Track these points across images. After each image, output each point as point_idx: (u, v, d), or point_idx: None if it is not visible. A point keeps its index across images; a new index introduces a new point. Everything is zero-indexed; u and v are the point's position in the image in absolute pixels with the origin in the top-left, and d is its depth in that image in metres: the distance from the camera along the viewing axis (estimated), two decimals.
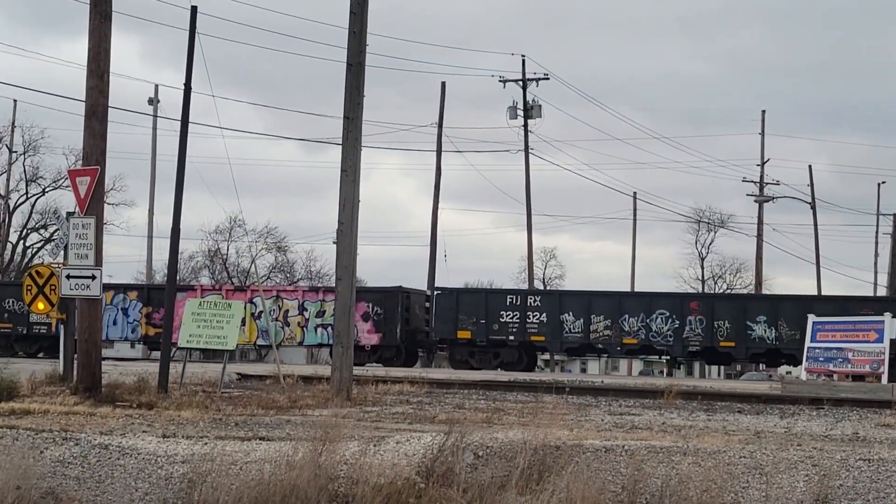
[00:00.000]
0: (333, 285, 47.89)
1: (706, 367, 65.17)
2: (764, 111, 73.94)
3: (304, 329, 46.86)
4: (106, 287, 49.31)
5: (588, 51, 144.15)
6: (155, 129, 64.48)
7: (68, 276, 20.22)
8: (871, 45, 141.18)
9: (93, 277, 20.14)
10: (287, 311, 47.02)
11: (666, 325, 42.56)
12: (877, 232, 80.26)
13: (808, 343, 30.33)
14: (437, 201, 60.72)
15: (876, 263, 79.38)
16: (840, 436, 16.62)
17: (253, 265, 74.02)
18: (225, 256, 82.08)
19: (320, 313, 46.53)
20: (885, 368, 28.61)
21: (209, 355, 43.55)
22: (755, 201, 70.87)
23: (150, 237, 64.76)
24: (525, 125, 60.72)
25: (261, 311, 45.83)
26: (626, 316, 43.06)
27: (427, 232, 60.94)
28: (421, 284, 56.51)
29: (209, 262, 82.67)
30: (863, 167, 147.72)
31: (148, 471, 13.01)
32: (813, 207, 73.87)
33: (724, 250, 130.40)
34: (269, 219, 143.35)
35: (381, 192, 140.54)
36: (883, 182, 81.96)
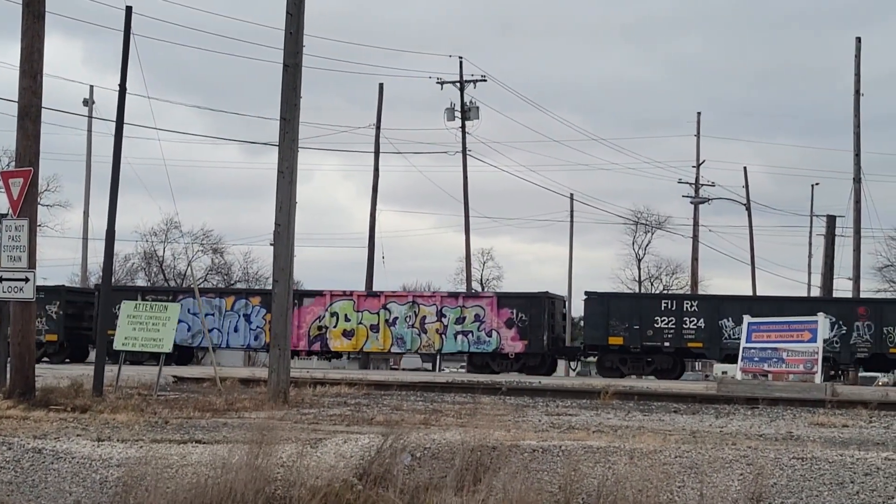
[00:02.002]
0: (474, 292, 47.54)
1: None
2: (699, 113, 74.59)
3: (443, 336, 45.18)
4: (227, 292, 49.24)
5: (534, 56, 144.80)
6: (90, 130, 63.89)
7: (1, 279, 19.98)
8: (807, 52, 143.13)
9: (26, 280, 19.91)
10: (424, 317, 45.29)
11: (832, 330, 40.97)
12: (810, 233, 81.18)
13: (742, 343, 30.57)
14: (375, 203, 60.67)
15: (810, 264, 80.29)
16: (774, 435, 16.78)
17: (189, 267, 73.61)
18: (161, 259, 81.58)
19: (460, 320, 44.86)
20: (818, 368, 28.91)
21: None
22: (691, 203, 71.50)
23: (84, 239, 64.26)
24: (462, 127, 60.79)
25: (395, 318, 45.06)
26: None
27: (366, 234, 60.88)
28: (359, 286, 56.38)
29: (145, 265, 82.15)
30: (797, 169, 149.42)
31: (82, 475, 12.88)
32: (748, 209, 74.60)
33: (661, 251, 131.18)
34: (204, 221, 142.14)
35: (322, 195, 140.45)
36: (816, 183, 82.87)
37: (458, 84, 61.05)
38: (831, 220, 59.62)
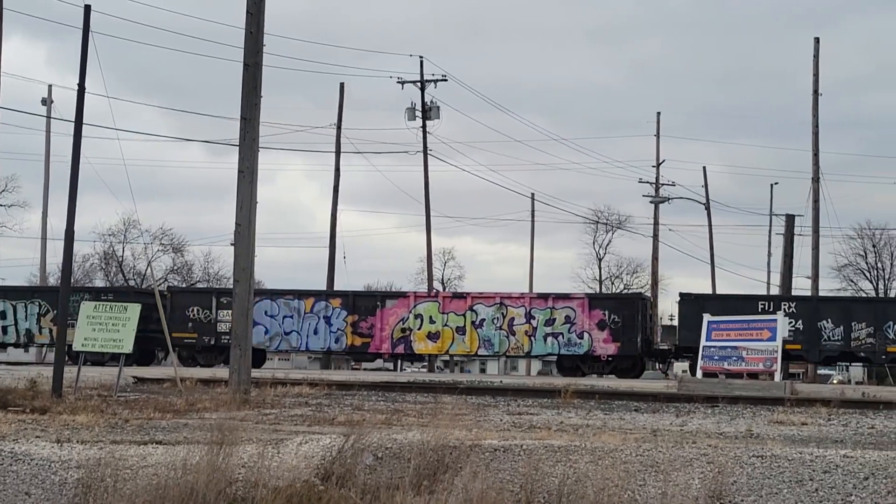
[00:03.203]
0: (565, 292, 46.75)
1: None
2: (659, 113, 74.85)
3: (532, 338, 43.94)
4: (305, 294, 47.52)
5: (498, 59, 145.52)
6: (48, 130, 63.63)
7: None
8: (768, 54, 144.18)
9: None
10: (512, 318, 44.13)
11: None
12: (770, 232, 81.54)
13: (702, 342, 30.71)
14: (336, 202, 60.54)
15: (769, 263, 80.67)
16: (734, 433, 16.87)
17: (149, 267, 73.25)
18: (121, 259, 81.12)
19: (550, 321, 43.76)
20: (778, 366, 29.08)
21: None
22: (651, 202, 71.79)
23: (43, 239, 63.85)
24: (423, 126, 60.78)
25: (482, 320, 44.24)
26: (891, 323, 41.34)
27: (328, 234, 60.72)
28: (320, 286, 56.23)
29: (104, 265, 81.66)
30: (757, 169, 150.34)
31: (41, 476, 12.79)
32: (707, 208, 75.01)
33: (622, 251, 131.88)
34: (164, 220, 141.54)
35: (286, 195, 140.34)
36: (776, 183, 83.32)
37: (418, 84, 61.05)
38: (790, 220, 59.96)
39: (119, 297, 44.79)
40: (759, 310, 41.55)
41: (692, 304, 43.23)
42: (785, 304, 42.31)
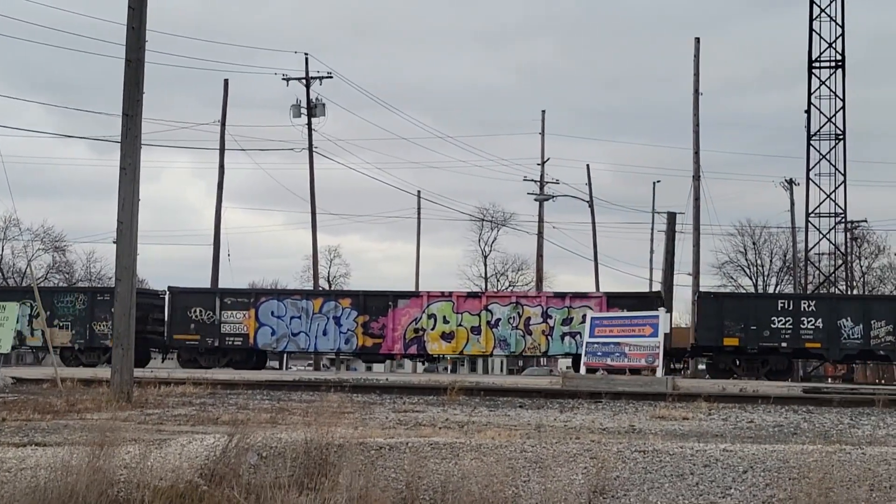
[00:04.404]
0: (583, 292, 45.67)
1: None
2: (544, 111, 75.47)
3: (549, 338, 43.31)
4: (314, 294, 46.84)
5: (386, 58, 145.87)
6: None
7: None
8: (653, 57, 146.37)
9: None
10: (528, 318, 43.45)
11: None
12: (652, 229, 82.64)
13: (586, 338, 31.05)
14: (221, 200, 59.97)
15: (651, 260, 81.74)
16: (617, 428, 17.07)
17: (29, 266, 71.96)
18: None
19: (567, 321, 43.08)
20: (660, 362, 29.52)
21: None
22: (535, 199, 72.27)
23: None
24: (309, 123, 60.53)
25: (498, 319, 43.36)
26: None
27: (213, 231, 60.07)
28: (205, 283, 55.65)
29: None
30: (641, 167, 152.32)
31: None
32: (591, 206, 75.69)
33: (508, 248, 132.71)
34: (46, 219, 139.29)
35: (173, 193, 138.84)
36: (658, 181, 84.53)
37: (304, 81, 60.76)
38: (671, 217, 60.61)
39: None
40: (779, 308, 42.09)
41: (711, 303, 43.42)
42: (804, 303, 42.69)
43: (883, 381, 62.77)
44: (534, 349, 44.33)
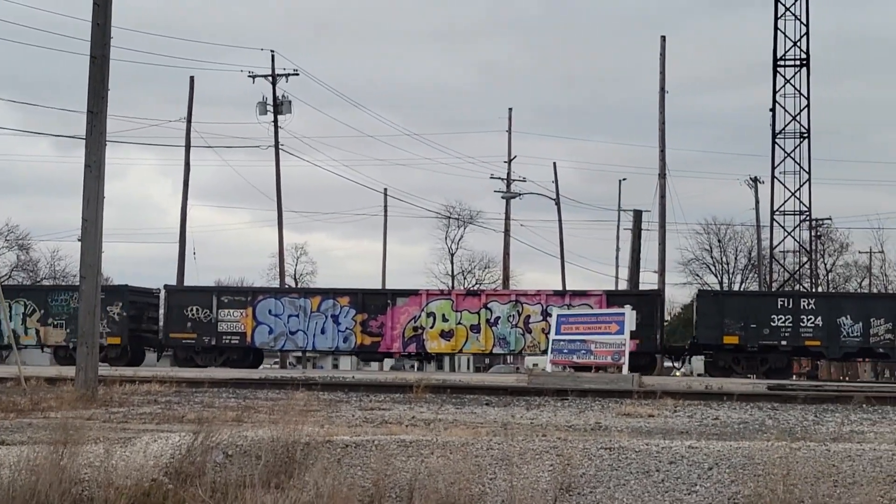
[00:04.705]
0: (583, 290, 45.29)
1: None
2: (511, 109, 75.59)
3: (549, 336, 42.57)
4: (312, 292, 46.19)
5: (351, 57, 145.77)
6: None
7: None
8: (616, 55, 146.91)
9: None
10: (528, 316, 43.01)
11: None
12: (618, 227, 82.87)
13: (552, 336, 31.09)
14: (186, 198, 59.62)
15: (617, 258, 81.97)
16: (583, 425, 17.11)
17: None
18: None
19: None
20: (626, 359, 29.59)
21: None
22: (502, 197, 72.31)
23: None
24: (275, 121, 60.32)
25: (497, 318, 42.99)
26: None
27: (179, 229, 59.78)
28: (170, 281, 55.39)
29: None
30: (607, 165, 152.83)
31: None
32: (557, 204, 75.81)
33: (474, 246, 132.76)
34: (9, 217, 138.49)
35: (138, 190, 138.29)
36: (624, 179, 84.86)
37: (270, 78, 60.58)
38: (637, 215, 60.94)
39: None
40: (779, 306, 41.96)
41: (711, 301, 43.46)
42: (804, 301, 42.59)
43: (847, 379, 63.18)
44: (533, 347, 43.98)
